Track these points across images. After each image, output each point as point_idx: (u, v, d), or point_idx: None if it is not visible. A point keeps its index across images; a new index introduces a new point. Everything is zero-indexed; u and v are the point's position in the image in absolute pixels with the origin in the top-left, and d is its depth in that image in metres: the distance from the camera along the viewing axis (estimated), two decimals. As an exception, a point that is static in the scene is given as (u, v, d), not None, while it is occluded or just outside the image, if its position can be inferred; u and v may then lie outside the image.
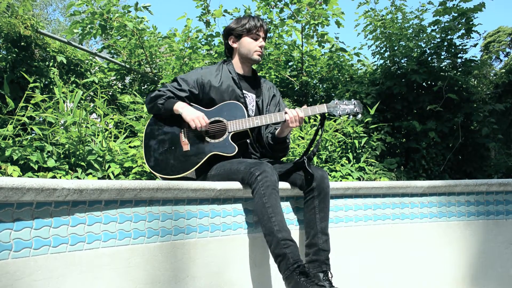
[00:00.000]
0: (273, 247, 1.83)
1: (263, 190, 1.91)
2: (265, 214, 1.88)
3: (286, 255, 1.78)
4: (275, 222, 1.85)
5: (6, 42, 3.99)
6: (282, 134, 2.32)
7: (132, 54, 5.05)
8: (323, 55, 5.31)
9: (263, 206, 1.89)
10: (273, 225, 1.84)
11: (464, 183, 2.63)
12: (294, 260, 1.77)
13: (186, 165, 2.20)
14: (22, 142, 2.71)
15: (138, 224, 1.75)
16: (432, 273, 2.50)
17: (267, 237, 1.87)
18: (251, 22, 2.39)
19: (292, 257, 1.77)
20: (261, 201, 1.91)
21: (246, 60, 2.43)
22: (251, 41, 2.39)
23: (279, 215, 1.88)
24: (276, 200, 1.91)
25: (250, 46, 2.39)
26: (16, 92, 3.86)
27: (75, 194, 1.56)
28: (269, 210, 1.87)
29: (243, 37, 2.40)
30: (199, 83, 2.37)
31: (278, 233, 1.83)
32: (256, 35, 2.39)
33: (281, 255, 1.79)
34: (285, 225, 1.87)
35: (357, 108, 2.26)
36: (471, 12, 4.48)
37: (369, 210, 2.47)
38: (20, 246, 1.44)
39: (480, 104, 4.78)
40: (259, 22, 2.41)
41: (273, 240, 1.83)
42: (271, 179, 1.94)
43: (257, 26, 2.39)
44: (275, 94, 2.55)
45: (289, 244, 1.81)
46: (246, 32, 2.39)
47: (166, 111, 2.29)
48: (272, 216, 1.86)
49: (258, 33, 2.40)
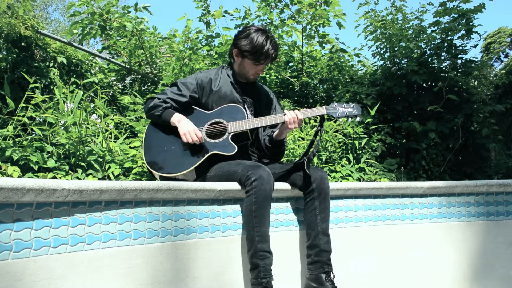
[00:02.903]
0: (251, 254, 1.93)
1: (254, 198, 1.94)
2: (250, 221, 1.94)
3: (259, 267, 1.88)
4: (258, 232, 1.92)
5: (7, 43, 3.99)
6: (280, 136, 2.33)
7: (132, 55, 5.05)
8: (324, 55, 5.31)
9: (250, 213, 1.94)
10: (256, 234, 1.92)
11: (464, 184, 2.63)
12: (264, 274, 1.87)
13: (186, 164, 2.20)
14: (22, 142, 2.71)
15: (138, 225, 1.75)
16: (433, 274, 2.50)
17: (247, 241, 1.96)
18: (258, 46, 2.23)
19: (264, 271, 1.88)
20: (250, 207, 1.95)
21: (242, 75, 2.43)
22: (252, 66, 2.32)
23: (263, 226, 1.93)
24: (265, 210, 1.95)
25: (249, 69, 2.35)
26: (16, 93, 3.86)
27: (75, 194, 1.56)
28: (255, 220, 1.92)
29: (247, 58, 2.30)
30: (199, 87, 2.37)
31: (258, 243, 1.91)
32: (259, 64, 2.30)
33: (255, 265, 1.90)
34: (267, 236, 1.94)
35: (355, 110, 2.27)
36: (471, 13, 4.48)
37: (369, 211, 2.47)
38: (20, 246, 1.44)
39: (480, 105, 4.77)
40: (271, 53, 2.26)
41: (252, 247, 1.92)
42: (266, 187, 1.95)
43: (263, 54, 2.26)
44: (272, 99, 2.56)
45: (266, 255, 1.90)
46: (250, 56, 2.28)
47: (163, 123, 2.32)
48: (257, 226, 1.92)
49: (262, 62, 2.29)
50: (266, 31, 2.29)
